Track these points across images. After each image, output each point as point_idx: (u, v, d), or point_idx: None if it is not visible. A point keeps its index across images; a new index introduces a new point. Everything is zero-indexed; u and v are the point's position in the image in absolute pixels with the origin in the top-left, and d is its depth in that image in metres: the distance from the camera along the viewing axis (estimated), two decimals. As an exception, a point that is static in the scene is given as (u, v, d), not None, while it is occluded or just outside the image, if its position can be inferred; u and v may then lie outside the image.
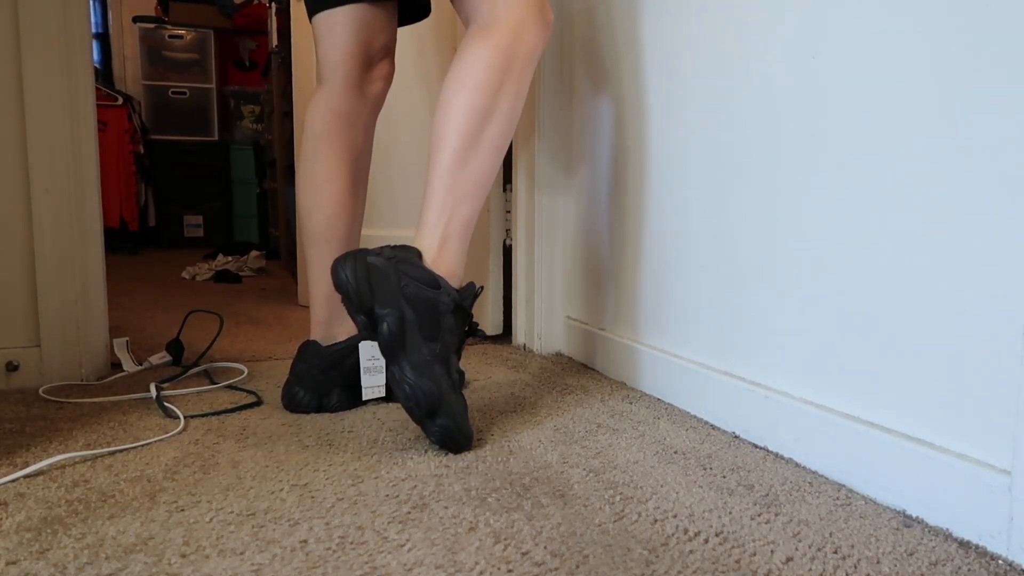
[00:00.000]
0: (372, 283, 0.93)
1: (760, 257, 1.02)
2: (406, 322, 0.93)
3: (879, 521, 0.77)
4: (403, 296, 0.94)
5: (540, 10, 1.07)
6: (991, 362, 0.71)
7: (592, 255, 1.48)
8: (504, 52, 1.03)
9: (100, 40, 5.26)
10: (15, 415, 1.13)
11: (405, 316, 0.93)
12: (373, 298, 0.93)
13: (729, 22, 1.06)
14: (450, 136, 1.02)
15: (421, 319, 0.95)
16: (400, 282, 0.94)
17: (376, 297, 0.93)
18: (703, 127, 1.13)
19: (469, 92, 1.02)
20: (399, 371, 0.92)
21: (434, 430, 0.94)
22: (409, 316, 0.94)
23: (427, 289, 0.96)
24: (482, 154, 1.03)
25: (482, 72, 1.02)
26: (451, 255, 1.02)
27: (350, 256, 0.95)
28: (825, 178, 0.90)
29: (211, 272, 3.18)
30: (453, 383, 0.97)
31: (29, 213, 1.29)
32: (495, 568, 0.66)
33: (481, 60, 1.02)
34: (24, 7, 1.25)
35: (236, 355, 1.56)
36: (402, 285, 0.94)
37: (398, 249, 0.99)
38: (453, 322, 0.98)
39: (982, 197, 0.72)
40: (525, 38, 1.05)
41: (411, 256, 0.99)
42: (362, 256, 0.95)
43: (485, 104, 1.02)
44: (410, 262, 0.97)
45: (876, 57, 0.83)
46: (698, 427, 1.08)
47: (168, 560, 0.67)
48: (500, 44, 1.03)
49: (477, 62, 1.02)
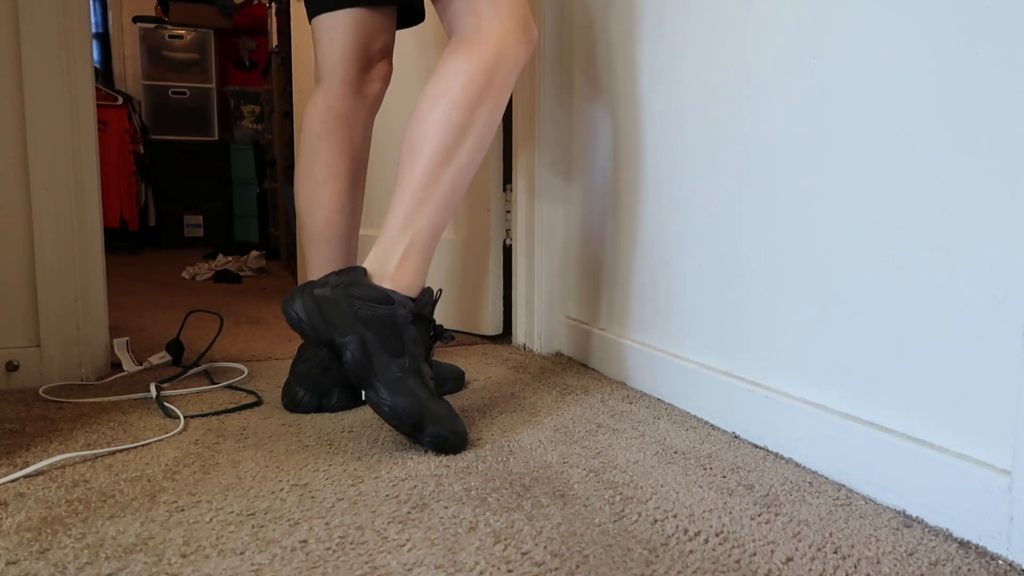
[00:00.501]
0: (325, 315, 0.93)
1: (760, 257, 1.02)
2: (368, 345, 0.93)
3: (879, 521, 0.77)
4: (359, 320, 0.94)
5: (524, 26, 1.07)
6: (991, 362, 0.71)
7: (592, 255, 1.48)
8: (485, 68, 1.02)
9: (100, 40, 5.26)
10: (15, 415, 1.13)
11: (366, 339, 0.93)
12: (330, 330, 0.93)
13: (729, 23, 1.06)
14: (424, 149, 1.01)
15: (383, 338, 0.94)
16: (352, 307, 0.94)
17: (333, 328, 0.93)
18: (703, 127, 1.13)
19: (447, 106, 1.01)
20: (374, 394, 0.93)
21: (426, 440, 0.95)
22: (370, 338, 0.93)
23: (380, 307, 0.96)
24: (455, 170, 1.03)
25: (461, 87, 1.01)
26: (411, 268, 1.01)
27: (296, 293, 0.95)
28: (825, 178, 0.90)
29: (211, 272, 3.18)
30: (430, 390, 0.97)
31: (29, 213, 1.29)
32: (495, 568, 0.66)
33: (461, 75, 1.02)
34: (24, 7, 1.25)
35: (236, 355, 1.56)
36: (355, 310, 0.94)
37: (343, 274, 0.98)
38: (416, 332, 0.98)
39: (982, 197, 0.72)
40: (507, 55, 1.04)
41: (357, 277, 0.98)
42: (308, 290, 0.95)
43: (463, 120, 1.01)
44: (357, 283, 0.97)
45: (876, 57, 0.83)
46: (698, 427, 1.08)
47: (168, 560, 0.67)
48: (481, 60, 1.03)
49: (457, 76, 1.02)
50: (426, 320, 1.01)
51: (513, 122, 1.65)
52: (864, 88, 0.84)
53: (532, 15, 1.09)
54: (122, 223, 4.63)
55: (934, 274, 0.77)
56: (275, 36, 3.43)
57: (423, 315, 1.00)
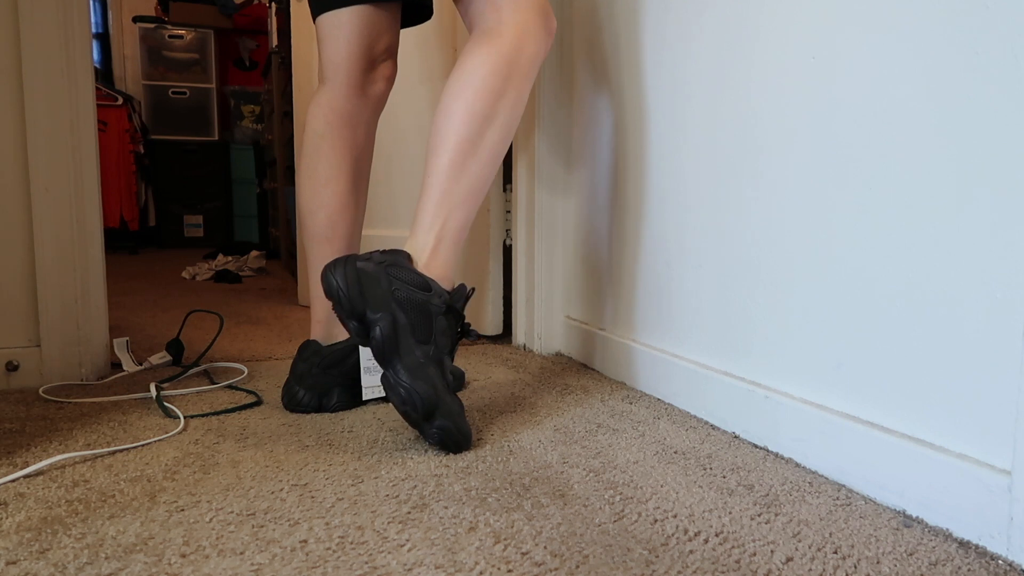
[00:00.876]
0: (363, 288, 0.93)
1: (760, 258, 1.02)
2: (398, 326, 0.93)
3: (879, 521, 0.77)
4: (394, 300, 0.94)
5: (544, 17, 1.08)
6: (991, 362, 0.71)
7: (592, 255, 1.48)
8: (506, 59, 1.03)
9: (100, 40, 5.26)
10: (15, 415, 1.13)
11: (397, 320, 0.93)
12: (364, 303, 0.93)
13: (731, 22, 1.06)
14: (449, 141, 1.02)
15: (413, 322, 0.95)
16: (391, 286, 0.94)
17: (367, 302, 0.93)
18: (703, 127, 1.13)
19: (470, 98, 1.02)
20: (393, 375, 0.92)
21: (432, 432, 0.94)
22: (401, 320, 0.94)
23: (418, 292, 0.96)
24: (480, 160, 1.04)
25: (484, 78, 1.02)
26: (444, 258, 1.02)
27: (340, 262, 0.95)
28: (825, 178, 0.90)
29: (211, 272, 3.18)
30: (448, 384, 0.97)
31: (29, 213, 1.29)
32: (495, 568, 0.66)
33: (483, 66, 1.03)
34: (24, 7, 1.25)
35: (236, 355, 1.56)
36: (393, 289, 0.94)
37: (388, 254, 0.99)
38: (445, 324, 0.98)
39: (982, 197, 0.72)
40: (528, 46, 1.05)
41: (401, 260, 0.99)
42: (352, 261, 0.95)
43: (485, 110, 1.02)
44: (400, 265, 0.97)
45: (877, 57, 0.83)
46: (698, 427, 1.08)
47: (168, 560, 0.67)
48: (503, 51, 1.04)
49: (479, 68, 1.03)
50: (458, 315, 1.01)
51: (513, 122, 1.65)
52: (864, 88, 0.84)
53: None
54: (122, 223, 4.63)
55: (934, 274, 0.77)
56: (275, 36, 3.43)
57: (455, 309, 1.00)
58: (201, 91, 5.14)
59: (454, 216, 1.03)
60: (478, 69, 1.03)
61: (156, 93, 5.07)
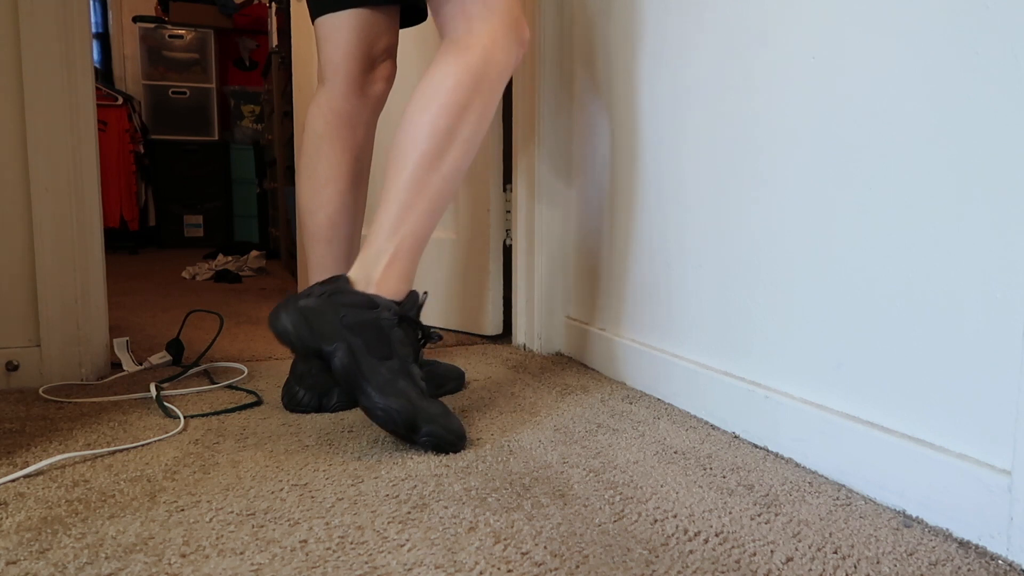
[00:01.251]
0: (311, 325, 0.94)
1: (760, 258, 1.02)
2: (355, 351, 0.94)
3: (879, 521, 0.77)
4: (344, 327, 0.94)
5: (514, 28, 1.06)
6: (991, 362, 0.71)
7: (592, 255, 1.48)
8: (473, 72, 1.02)
9: (100, 40, 5.26)
10: (15, 415, 1.13)
11: (352, 345, 0.94)
12: (317, 339, 0.93)
13: (731, 24, 1.06)
14: (411, 156, 1.01)
15: (369, 343, 0.95)
16: (338, 314, 0.94)
17: (319, 337, 0.93)
18: (703, 127, 1.13)
19: (435, 112, 1.01)
20: (366, 399, 0.93)
21: (423, 440, 0.95)
22: (356, 344, 0.94)
23: (366, 312, 0.96)
24: (443, 175, 1.02)
25: (449, 92, 1.01)
26: (397, 274, 1.01)
27: (282, 306, 0.95)
28: (825, 178, 0.90)
29: (211, 272, 3.18)
30: (421, 390, 0.97)
31: (29, 213, 1.29)
32: (495, 568, 0.66)
33: (449, 78, 1.01)
34: (24, 7, 1.25)
35: (236, 355, 1.56)
36: (340, 317, 0.94)
37: (327, 284, 0.99)
38: (402, 334, 0.98)
39: (982, 197, 0.72)
40: (497, 58, 1.04)
41: (341, 285, 0.98)
42: (294, 302, 0.95)
43: (450, 125, 1.01)
44: (342, 291, 0.97)
45: (877, 57, 0.83)
46: (698, 427, 1.08)
47: (168, 560, 0.67)
48: (470, 64, 1.02)
49: (445, 80, 1.02)
50: (412, 322, 1.01)
51: (513, 122, 1.65)
52: (864, 88, 0.84)
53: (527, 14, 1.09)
54: (122, 223, 4.63)
55: (934, 274, 0.77)
56: (275, 36, 3.43)
57: (409, 318, 1.00)
58: (201, 91, 5.14)
59: (413, 230, 1.02)
60: (444, 82, 1.01)
61: (156, 93, 5.07)
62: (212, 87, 5.16)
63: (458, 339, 1.76)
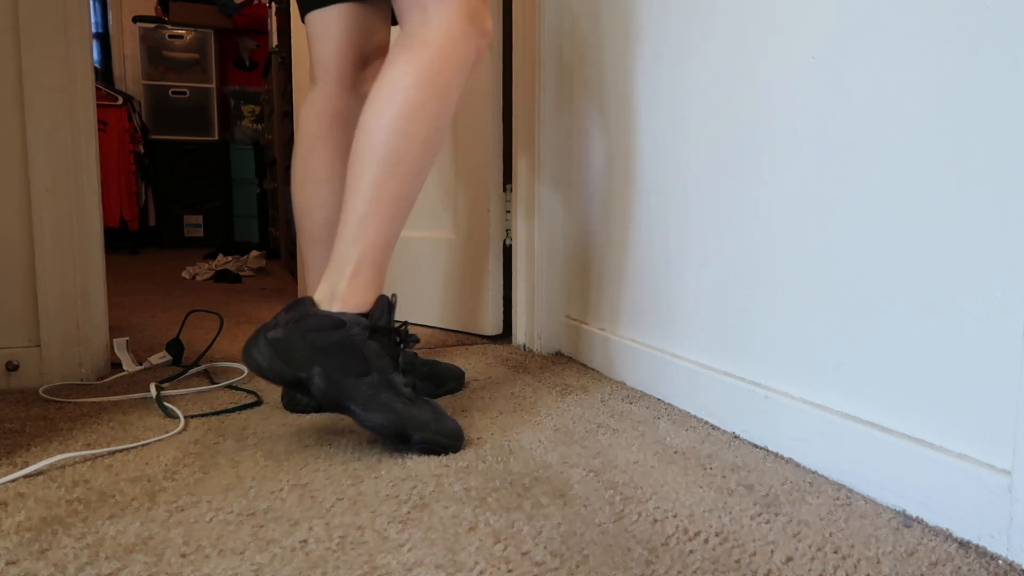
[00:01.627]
0: (283, 356, 0.93)
1: (760, 258, 1.02)
2: (331, 373, 0.93)
3: (879, 521, 0.77)
4: (316, 351, 0.94)
5: (473, 19, 1.02)
6: (991, 362, 0.71)
7: (592, 255, 1.48)
8: (429, 70, 0.99)
9: (100, 40, 5.26)
10: (15, 415, 1.13)
11: (327, 369, 0.93)
12: (291, 368, 0.93)
13: (732, 24, 1.06)
14: (368, 162, 0.99)
15: (345, 363, 0.94)
16: (306, 339, 0.94)
17: (293, 366, 0.93)
18: (704, 127, 1.13)
19: (390, 116, 0.98)
20: (353, 416, 0.93)
21: (416, 448, 0.95)
22: (331, 366, 0.93)
23: (335, 333, 0.95)
24: (400, 179, 1.00)
25: (406, 91, 0.98)
26: (363, 284, 0.99)
27: (251, 342, 0.95)
28: (826, 178, 0.90)
29: (211, 272, 3.18)
30: (407, 397, 0.96)
31: (29, 213, 1.29)
32: (495, 568, 0.66)
33: (405, 78, 0.99)
34: (24, 7, 1.25)
35: (236, 355, 1.56)
36: (310, 342, 0.94)
37: (291, 310, 0.97)
38: (377, 347, 0.97)
39: (982, 197, 0.72)
40: (453, 53, 1.01)
41: (305, 308, 0.97)
42: (261, 336, 0.95)
43: (406, 128, 0.99)
44: (307, 315, 0.96)
45: (876, 57, 0.83)
46: (698, 427, 1.08)
47: (168, 560, 0.67)
48: (425, 61, 0.99)
49: (399, 82, 0.99)
50: (385, 331, 0.99)
51: (513, 122, 1.65)
52: (865, 87, 0.84)
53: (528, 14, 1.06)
54: (122, 223, 4.63)
55: (934, 274, 0.77)
56: (275, 36, 3.43)
57: (381, 327, 0.98)
58: (201, 91, 5.14)
59: (375, 239, 1.00)
60: (399, 82, 0.99)
61: (156, 93, 5.07)
62: (212, 87, 5.16)
63: (458, 339, 1.76)
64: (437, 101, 1.01)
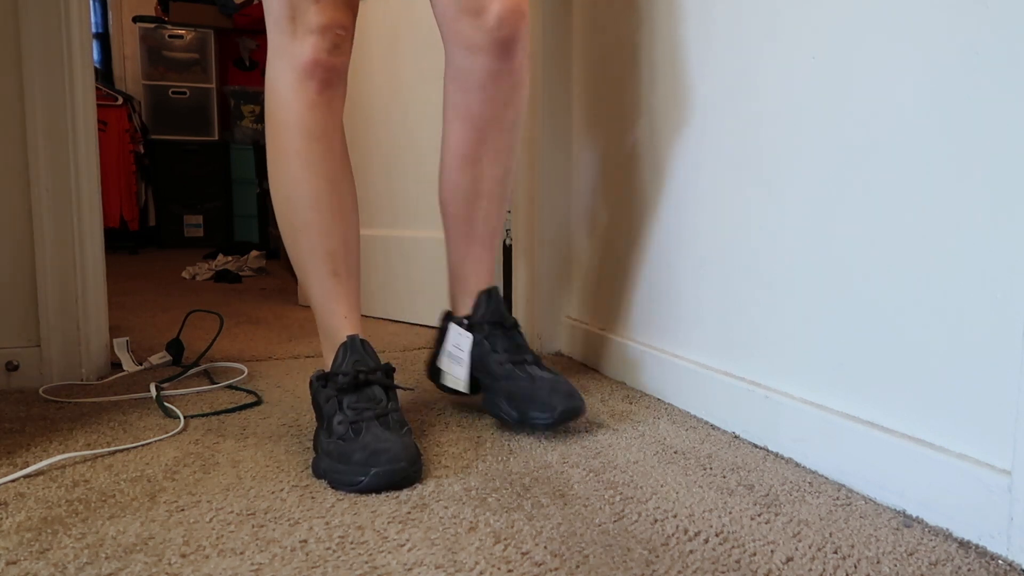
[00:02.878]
0: None
1: (761, 258, 1.02)
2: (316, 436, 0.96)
3: (879, 521, 0.77)
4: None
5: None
6: (991, 362, 0.71)
7: (593, 255, 1.48)
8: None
9: (100, 40, 5.26)
10: (15, 415, 1.13)
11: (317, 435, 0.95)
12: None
13: (733, 24, 1.06)
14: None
15: (319, 419, 0.97)
16: None
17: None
18: (705, 127, 1.13)
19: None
20: None
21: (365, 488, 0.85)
22: (318, 430, 0.95)
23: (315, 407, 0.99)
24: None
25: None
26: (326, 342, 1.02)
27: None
28: (826, 178, 0.90)
29: (211, 272, 3.18)
30: (340, 435, 0.89)
31: (29, 213, 1.29)
32: (495, 568, 0.66)
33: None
34: (24, 7, 1.25)
35: (236, 355, 1.56)
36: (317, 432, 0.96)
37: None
38: (323, 393, 0.95)
39: (982, 197, 0.72)
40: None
41: None
42: None
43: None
44: None
45: (876, 57, 0.83)
46: (698, 427, 1.08)
47: (168, 560, 0.67)
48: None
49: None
50: (334, 375, 0.95)
51: (513, 122, 1.65)
52: (865, 87, 0.84)
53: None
54: (122, 223, 4.62)
55: (934, 274, 0.77)
56: (275, 36, 3.41)
57: (325, 374, 0.96)
58: (201, 91, 5.14)
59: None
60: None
61: (156, 93, 5.07)
62: (212, 87, 5.16)
63: (458, 339, 1.76)
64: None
